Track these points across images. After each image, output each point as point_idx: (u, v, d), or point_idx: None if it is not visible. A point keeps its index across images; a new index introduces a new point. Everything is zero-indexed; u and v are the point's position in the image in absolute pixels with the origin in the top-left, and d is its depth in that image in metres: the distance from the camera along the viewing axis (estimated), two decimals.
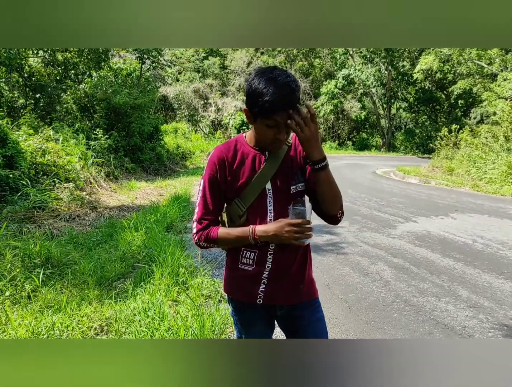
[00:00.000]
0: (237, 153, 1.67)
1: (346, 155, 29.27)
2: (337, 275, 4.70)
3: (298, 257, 1.69)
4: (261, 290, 1.67)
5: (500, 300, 4.00)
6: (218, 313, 3.42)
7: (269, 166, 1.64)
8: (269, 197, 1.65)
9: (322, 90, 33.46)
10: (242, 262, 1.69)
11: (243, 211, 1.66)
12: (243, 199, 1.65)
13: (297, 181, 1.67)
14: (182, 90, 27.49)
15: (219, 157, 1.66)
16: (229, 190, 1.67)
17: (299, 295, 1.71)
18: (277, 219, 1.61)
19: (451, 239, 6.20)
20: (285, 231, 1.54)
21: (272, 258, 1.65)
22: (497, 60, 22.24)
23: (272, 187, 1.65)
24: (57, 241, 5.49)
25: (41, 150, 8.71)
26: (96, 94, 13.49)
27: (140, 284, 4.17)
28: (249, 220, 1.66)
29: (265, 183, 1.64)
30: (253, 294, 1.67)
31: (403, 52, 32.28)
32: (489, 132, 14.25)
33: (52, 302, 3.72)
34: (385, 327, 3.50)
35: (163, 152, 16.41)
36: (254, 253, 1.66)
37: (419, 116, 36.29)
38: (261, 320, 1.77)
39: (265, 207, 1.65)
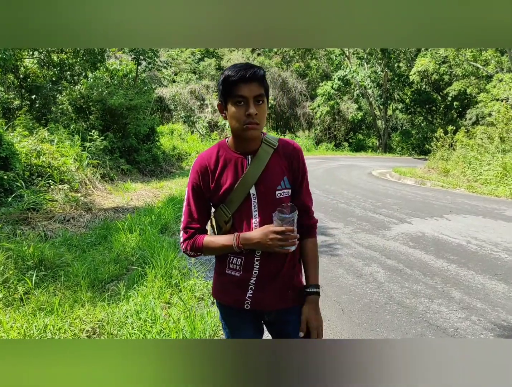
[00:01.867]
0: (220, 159, 1.67)
1: (342, 157, 29.30)
2: (331, 277, 4.71)
3: (286, 262, 1.68)
4: (249, 295, 1.66)
5: (493, 301, 4.01)
6: (209, 315, 3.42)
7: (252, 171, 1.62)
8: (254, 202, 1.64)
9: (318, 92, 33.47)
10: (230, 267, 1.69)
11: (228, 216, 1.65)
12: (228, 204, 1.65)
13: (283, 186, 1.65)
14: (178, 91, 27.45)
15: (201, 165, 1.67)
16: (213, 197, 1.67)
17: (286, 301, 1.70)
18: (262, 224, 1.60)
19: (445, 240, 6.21)
20: (269, 239, 1.53)
21: (259, 264, 1.64)
22: (492, 61, 22.32)
23: (256, 192, 1.63)
24: (51, 243, 5.48)
25: (36, 151, 8.68)
26: (92, 95, 13.46)
27: (133, 286, 4.16)
28: (234, 225, 1.66)
29: (248, 188, 1.62)
30: (241, 300, 1.67)
31: (399, 54, 32.37)
32: (484, 133, 14.28)
33: (45, 304, 3.71)
34: (378, 329, 3.50)
35: (159, 154, 16.38)
36: (240, 259, 1.66)
37: (415, 118, 36.34)
38: (249, 325, 1.75)
39: (250, 211, 1.64)
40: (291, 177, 1.68)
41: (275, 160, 1.66)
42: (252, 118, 1.54)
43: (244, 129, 1.56)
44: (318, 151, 32.22)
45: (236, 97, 1.53)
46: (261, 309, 1.70)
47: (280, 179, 1.65)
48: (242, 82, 1.52)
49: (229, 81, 1.53)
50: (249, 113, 1.53)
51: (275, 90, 34.25)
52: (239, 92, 1.52)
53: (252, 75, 1.52)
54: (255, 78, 1.53)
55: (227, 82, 1.54)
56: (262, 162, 1.63)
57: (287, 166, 1.67)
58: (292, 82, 34.73)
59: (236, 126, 1.57)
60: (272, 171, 1.65)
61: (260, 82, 1.55)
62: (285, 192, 1.66)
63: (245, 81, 1.52)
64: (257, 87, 1.54)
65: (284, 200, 1.64)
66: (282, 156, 1.68)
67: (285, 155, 1.68)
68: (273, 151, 1.66)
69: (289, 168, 1.68)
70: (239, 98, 1.53)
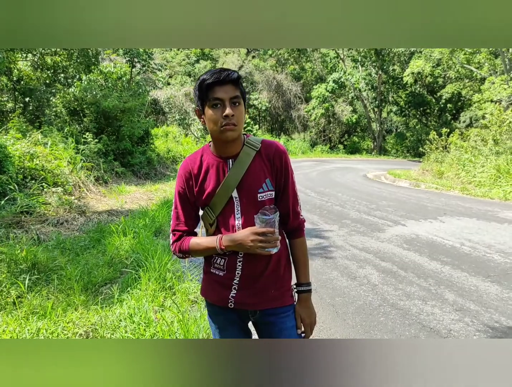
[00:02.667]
0: (203, 164, 1.69)
1: (337, 159, 29.39)
2: (325, 279, 4.71)
3: (271, 263, 1.69)
4: (232, 295, 1.68)
5: (486, 303, 4.03)
6: (203, 318, 3.41)
7: (233, 175, 1.64)
8: (236, 205, 1.66)
9: (313, 94, 33.58)
10: (214, 266, 1.73)
11: (212, 219, 1.69)
12: (212, 207, 1.68)
13: (265, 189, 1.66)
14: (173, 94, 27.40)
15: (185, 170, 1.71)
16: (198, 201, 1.71)
17: (270, 301, 1.71)
18: (245, 226, 1.63)
19: (439, 242, 6.23)
20: (250, 240, 1.56)
21: (242, 265, 1.66)
22: (486, 64, 22.48)
23: (238, 195, 1.65)
24: (44, 246, 5.45)
25: (29, 154, 8.64)
26: (86, 98, 13.43)
27: (126, 289, 4.15)
28: (219, 227, 1.70)
29: (230, 191, 1.64)
30: (225, 298, 1.70)
31: (394, 56, 32.54)
32: (478, 135, 14.36)
33: (38, 308, 3.69)
34: (372, 331, 3.51)
35: (154, 156, 16.35)
36: (224, 259, 1.69)
37: (409, 120, 36.53)
38: (234, 324, 1.77)
39: (233, 214, 1.66)
40: (274, 179, 1.69)
41: (258, 162, 1.67)
42: (229, 119, 1.55)
43: (222, 131, 1.57)
44: (313, 153, 32.30)
45: (212, 100, 1.56)
46: (244, 309, 1.72)
47: (262, 182, 1.66)
48: (217, 85, 1.55)
49: (204, 85, 1.56)
50: (226, 114, 1.54)
51: (270, 93, 34.34)
52: (215, 95, 1.55)
53: (227, 77, 1.55)
54: (230, 81, 1.56)
55: (203, 87, 1.56)
56: (243, 166, 1.64)
57: (270, 168, 1.68)
58: (287, 85, 34.84)
59: (214, 128, 1.59)
60: (254, 174, 1.65)
61: (235, 84, 1.58)
62: (268, 194, 1.66)
63: (220, 84, 1.55)
64: (232, 89, 1.57)
65: (266, 202, 1.66)
66: (265, 158, 1.68)
67: (267, 157, 1.68)
68: (256, 153, 1.67)
69: (271, 170, 1.68)
70: (215, 101, 1.56)
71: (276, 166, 1.68)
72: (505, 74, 19.53)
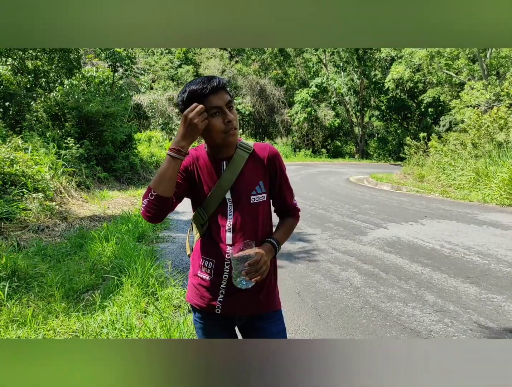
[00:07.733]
0: (201, 163, 1.71)
1: (320, 163, 29.58)
2: (308, 283, 4.74)
3: None
4: (219, 300, 1.67)
5: (465, 304, 4.10)
6: (185, 323, 3.40)
7: (227, 176, 1.65)
8: (229, 206, 1.67)
9: (295, 99, 33.79)
10: (202, 270, 1.72)
11: (205, 219, 1.69)
12: (205, 208, 1.69)
13: (259, 191, 1.68)
14: (156, 98, 27.28)
15: (193, 156, 1.72)
16: (194, 197, 1.72)
17: (257, 306, 1.71)
18: (235, 226, 1.64)
19: (420, 244, 6.33)
20: None
21: (229, 269, 1.65)
22: (465, 69, 22.91)
23: (231, 197, 1.66)
24: (24, 253, 5.37)
25: (9, 160, 8.50)
26: (68, 103, 13.27)
27: (109, 295, 4.11)
28: (210, 228, 1.69)
29: (224, 193, 1.65)
30: (212, 304, 1.68)
31: (375, 62, 32.96)
32: (457, 139, 14.60)
33: (17, 316, 3.63)
34: (354, 333, 3.54)
35: (137, 161, 16.22)
36: (212, 262, 1.68)
37: (391, 124, 37.01)
38: (221, 330, 1.76)
39: (225, 215, 1.67)
40: (268, 182, 1.72)
41: (251, 165, 1.69)
42: (232, 124, 1.58)
43: (226, 136, 1.59)
44: (297, 157, 32.47)
45: (210, 109, 1.55)
46: (232, 314, 1.71)
47: (255, 185, 1.68)
48: (212, 93, 1.55)
49: (198, 95, 1.54)
50: (229, 120, 1.57)
51: (253, 98, 34.42)
52: (213, 104, 1.55)
53: (219, 84, 1.56)
54: (223, 87, 1.58)
55: (197, 97, 1.55)
56: (237, 168, 1.66)
57: (263, 170, 1.70)
58: (270, 90, 34.99)
59: (218, 136, 1.60)
60: (247, 176, 1.67)
61: (226, 90, 1.61)
62: (261, 197, 1.68)
63: (215, 92, 1.55)
64: (225, 94, 1.59)
65: (259, 204, 1.68)
66: (258, 160, 1.70)
67: (261, 159, 1.70)
68: (249, 155, 1.69)
69: (265, 172, 1.70)
70: (214, 110, 1.56)
71: (271, 169, 1.71)
72: (483, 80, 19.92)
